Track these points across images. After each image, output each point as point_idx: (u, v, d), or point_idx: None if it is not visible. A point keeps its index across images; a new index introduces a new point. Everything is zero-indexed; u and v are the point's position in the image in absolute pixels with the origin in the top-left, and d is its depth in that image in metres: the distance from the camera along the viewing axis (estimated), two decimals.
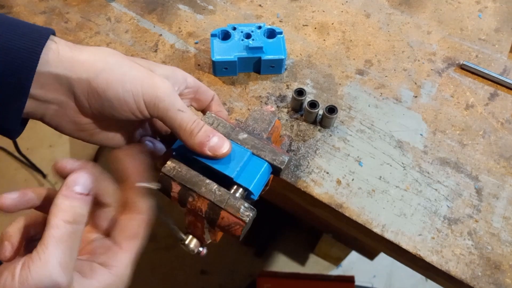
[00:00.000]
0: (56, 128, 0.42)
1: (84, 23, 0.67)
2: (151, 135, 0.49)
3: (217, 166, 0.41)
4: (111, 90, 0.38)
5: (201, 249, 0.41)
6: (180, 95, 0.45)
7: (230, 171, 0.41)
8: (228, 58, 0.59)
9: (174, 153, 0.43)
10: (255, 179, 0.41)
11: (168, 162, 0.41)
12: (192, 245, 0.40)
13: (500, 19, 0.70)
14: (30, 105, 0.38)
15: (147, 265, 1.42)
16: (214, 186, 0.40)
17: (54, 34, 0.39)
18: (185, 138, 0.41)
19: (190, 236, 0.41)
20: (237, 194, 0.41)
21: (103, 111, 0.40)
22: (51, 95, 0.39)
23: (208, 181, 0.40)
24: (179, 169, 0.41)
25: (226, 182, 0.41)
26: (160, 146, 0.49)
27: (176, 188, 0.40)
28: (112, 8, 0.69)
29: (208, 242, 0.42)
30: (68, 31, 0.66)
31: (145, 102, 0.39)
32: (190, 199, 0.40)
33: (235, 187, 0.41)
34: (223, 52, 0.60)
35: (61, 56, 0.38)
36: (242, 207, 0.39)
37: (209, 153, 0.40)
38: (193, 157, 0.42)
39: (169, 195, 0.41)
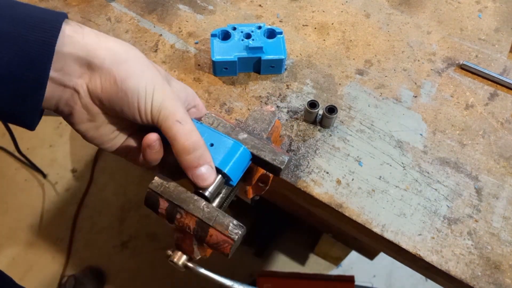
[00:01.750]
0: (68, 116, 0.41)
1: (84, 23, 0.67)
2: None
3: None
4: (129, 81, 0.38)
5: (191, 265, 0.39)
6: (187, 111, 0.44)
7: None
8: (228, 58, 0.59)
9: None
10: (231, 162, 0.40)
11: (156, 178, 0.40)
12: (180, 263, 0.39)
13: (500, 19, 0.70)
14: (48, 89, 0.37)
15: (147, 265, 1.42)
16: (203, 203, 0.39)
17: (66, 17, 0.39)
18: (177, 151, 0.40)
19: (179, 253, 0.41)
20: (216, 180, 0.40)
21: (113, 102, 0.40)
22: (68, 78, 0.38)
23: (196, 197, 0.39)
24: (167, 185, 0.40)
25: None
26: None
27: (163, 205, 0.40)
28: (112, 8, 0.69)
29: (198, 258, 0.41)
30: None
31: (152, 103, 0.39)
32: (178, 216, 0.39)
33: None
34: (223, 52, 0.60)
35: (86, 40, 0.38)
36: (231, 224, 0.38)
37: (190, 177, 0.40)
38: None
39: (157, 211, 0.40)
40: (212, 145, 0.42)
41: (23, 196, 1.53)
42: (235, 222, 0.38)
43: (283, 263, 1.42)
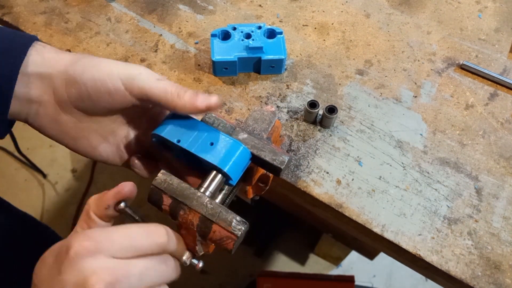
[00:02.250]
0: (39, 129, 0.45)
1: (84, 23, 0.67)
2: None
3: (194, 150, 0.41)
4: (87, 73, 0.40)
5: (195, 261, 0.40)
6: None
7: (210, 156, 0.40)
8: (228, 58, 0.59)
9: (153, 139, 0.43)
10: (230, 161, 0.40)
11: (159, 175, 0.41)
12: (184, 257, 0.39)
13: (500, 19, 0.70)
14: (14, 106, 0.41)
15: None
16: (206, 199, 0.39)
17: (37, 40, 0.42)
18: (172, 101, 0.41)
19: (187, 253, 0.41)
20: (216, 180, 0.40)
21: (82, 100, 0.41)
22: (34, 94, 0.41)
23: (199, 194, 0.39)
24: (170, 182, 0.40)
25: (204, 167, 0.41)
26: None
27: (167, 201, 0.40)
28: (112, 8, 0.69)
29: (201, 254, 0.41)
30: (68, 31, 0.66)
31: (121, 80, 0.40)
32: (181, 212, 0.39)
33: (213, 172, 0.41)
34: (223, 52, 0.60)
35: (45, 57, 0.41)
36: (234, 220, 0.38)
37: (201, 105, 0.41)
38: (172, 143, 0.41)
39: (160, 208, 0.40)
40: (212, 144, 0.41)
41: (23, 196, 1.53)
42: (238, 218, 0.38)
43: (283, 263, 1.42)
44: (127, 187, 0.38)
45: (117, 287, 0.31)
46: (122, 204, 0.38)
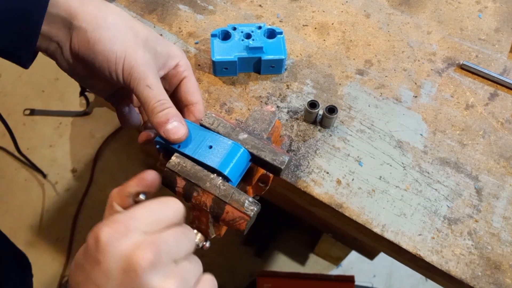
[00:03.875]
0: (56, 62, 0.48)
1: None
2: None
3: (195, 155, 0.42)
4: (100, 45, 0.42)
5: (204, 242, 0.41)
6: (168, 74, 0.49)
7: (210, 160, 0.41)
8: (228, 58, 0.59)
9: (157, 146, 0.44)
10: (230, 164, 0.41)
11: (173, 158, 0.42)
12: (196, 240, 0.40)
13: (500, 19, 0.70)
14: (39, 40, 0.44)
15: None
16: (219, 181, 0.40)
17: None
18: (148, 114, 0.43)
19: (195, 231, 0.42)
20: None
21: (88, 62, 0.44)
22: (54, 34, 0.44)
23: (212, 176, 0.40)
24: (184, 164, 0.41)
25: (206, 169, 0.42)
26: (136, 116, 0.52)
27: (181, 183, 0.41)
28: None
29: (213, 236, 0.42)
30: None
31: (123, 67, 0.43)
32: (195, 194, 0.40)
33: (214, 175, 0.41)
34: (223, 52, 0.60)
35: (69, 3, 0.43)
36: (247, 201, 0.39)
37: (162, 134, 0.42)
38: (172, 147, 0.43)
39: (174, 190, 0.41)
40: (211, 147, 0.42)
41: (23, 196, 1.53)
42: (250, 199, 0.39)
43: (283, 263, 1.42)
44: (150, 175, 0.38)
45: (163, 257, 0.31)
46: (142, 196, 0.38)
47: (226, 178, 0.41)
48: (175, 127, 0.42)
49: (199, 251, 0.40)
